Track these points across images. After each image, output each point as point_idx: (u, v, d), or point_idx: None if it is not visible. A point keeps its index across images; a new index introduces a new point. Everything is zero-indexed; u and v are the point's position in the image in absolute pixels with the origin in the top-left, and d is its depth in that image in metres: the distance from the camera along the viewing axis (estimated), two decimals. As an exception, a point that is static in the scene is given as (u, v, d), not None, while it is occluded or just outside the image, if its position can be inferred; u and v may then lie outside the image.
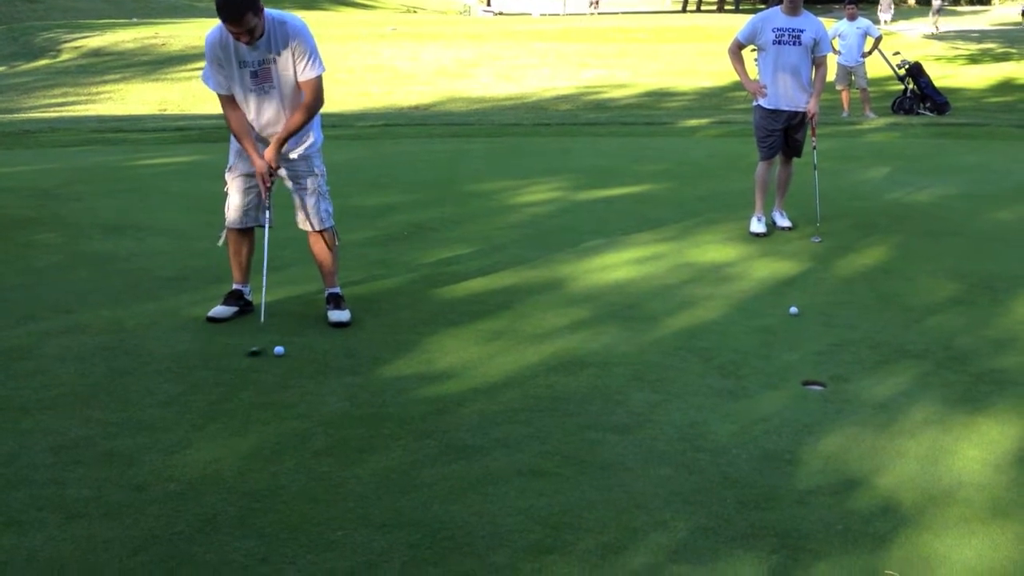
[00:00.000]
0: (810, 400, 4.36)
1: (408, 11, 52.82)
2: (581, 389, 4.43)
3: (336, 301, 5.29)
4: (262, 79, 4.94)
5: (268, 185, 5.06)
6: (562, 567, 3.03)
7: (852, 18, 14.90)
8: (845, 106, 15.59)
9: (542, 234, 7.22)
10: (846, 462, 3.75)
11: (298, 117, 4.95)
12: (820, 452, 3.83)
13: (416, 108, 16.58)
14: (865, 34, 14.86)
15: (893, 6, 37.24)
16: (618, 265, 6.44)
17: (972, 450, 3.84)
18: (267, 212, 5.18)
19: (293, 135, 5.01)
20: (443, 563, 3.06)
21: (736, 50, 7.24)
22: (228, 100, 5.00)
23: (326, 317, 5.23)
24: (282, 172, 5.11)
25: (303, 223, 5.27)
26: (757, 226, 7.23)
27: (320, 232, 5.25)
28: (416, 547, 3.14)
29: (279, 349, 4.78)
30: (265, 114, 5.01)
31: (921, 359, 4.82)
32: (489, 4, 56.06)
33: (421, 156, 10.71)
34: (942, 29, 36.85)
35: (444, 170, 9.85)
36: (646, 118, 14.77)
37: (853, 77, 15.24)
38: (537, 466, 3.69)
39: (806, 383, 4.54)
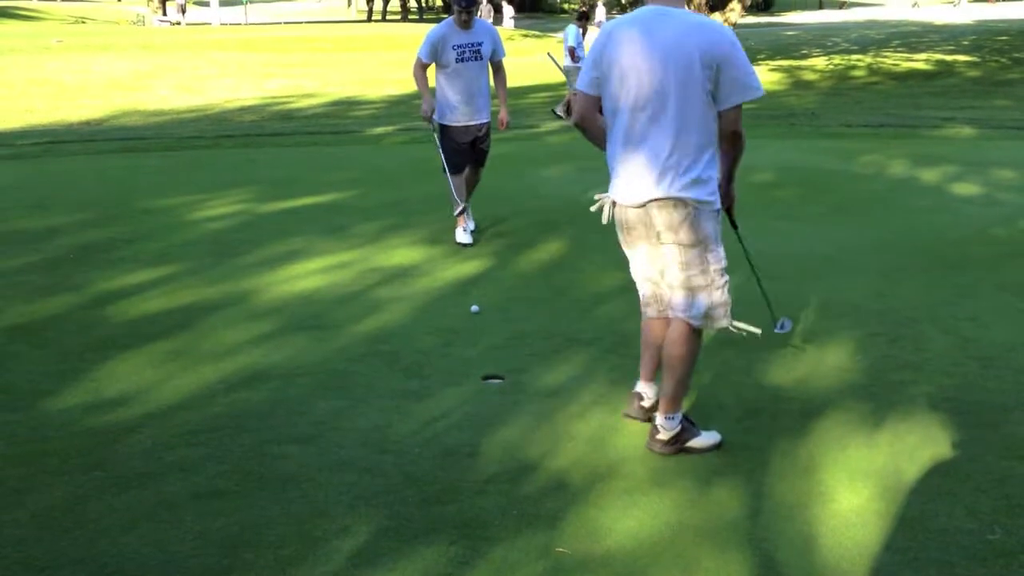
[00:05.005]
0: (489, 394, 4.51)
1: (77, 21, 49.52)
2: (263, 404, 4.32)
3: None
4: None
5: None
6: (239, 587, 2.95)
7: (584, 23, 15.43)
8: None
9: (224, 249, 6.99)
10: (522, 449, 3.91)
11: None
12: (498, 442, 3.96)
13: (87, 123, 15.53)
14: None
15: (606, 10, 38.72)
16: (303, 275, 6.36)
17: (635, 425, 4.12)
18: None
19: None
20: (111, 600, 2.88)
21: (421, 71, 7.20)
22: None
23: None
24: None
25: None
26: (463, 236, 7.28)
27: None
28: (81, 587, 2.94)
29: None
30: None
31: (590, 345, 5.11)
32: (165, 13, 53.77)
33: (90, 174, 10.06)
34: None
35: (116, 187, 9.32)
36: (333, 127, 14.68)
37: None
38: (215, 487, 3.56)
39: (486, 377, 4.70)
